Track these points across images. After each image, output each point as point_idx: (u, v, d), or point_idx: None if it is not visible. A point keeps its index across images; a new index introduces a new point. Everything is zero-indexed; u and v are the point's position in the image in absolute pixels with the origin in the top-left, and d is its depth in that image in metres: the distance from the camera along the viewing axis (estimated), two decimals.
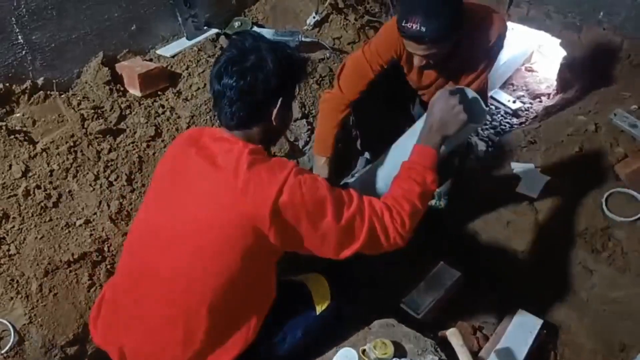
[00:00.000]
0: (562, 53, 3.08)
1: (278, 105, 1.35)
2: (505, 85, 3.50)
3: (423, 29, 1.73)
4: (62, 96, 2.17)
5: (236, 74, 1.31)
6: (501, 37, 2.01)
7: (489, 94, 3.27)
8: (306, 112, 2.53)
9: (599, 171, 2.17)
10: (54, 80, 2.19)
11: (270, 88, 1.32)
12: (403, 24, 1.76)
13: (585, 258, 2.01)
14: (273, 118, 1.36)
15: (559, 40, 3.04)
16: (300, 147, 2.49)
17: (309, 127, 2.51)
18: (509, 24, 3.39)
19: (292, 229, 1.29)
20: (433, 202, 2.52)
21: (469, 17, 1.86)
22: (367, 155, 2.59)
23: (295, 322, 1.56)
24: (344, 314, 1.68)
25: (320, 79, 2.63)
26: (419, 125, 1.74)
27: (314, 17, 2.79)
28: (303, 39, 2.65)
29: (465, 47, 1.95)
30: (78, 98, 2.19)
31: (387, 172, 1.79)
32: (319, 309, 1.59)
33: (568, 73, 3.07)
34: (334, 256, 1.36)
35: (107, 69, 2.28)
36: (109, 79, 2.26)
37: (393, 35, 2.04)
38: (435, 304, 2.00)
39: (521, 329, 1.85)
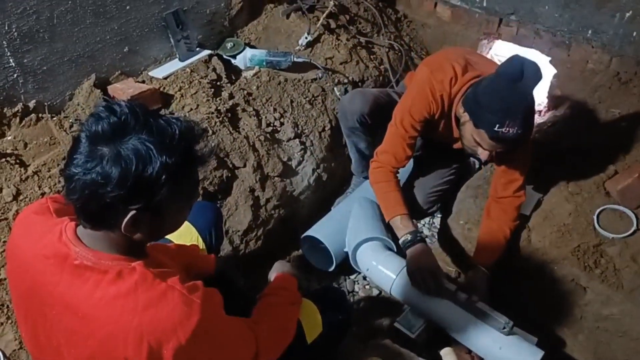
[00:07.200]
0: (552, 70, 3.11)
1: (129, 216, 1.02)
2: None
3: (520, 131, 1.78)
4: (54, 118, 2.18)
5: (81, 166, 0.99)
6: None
7: None
8: (299, 132, 2.54)
9: (590, 188, 2.18)
10: (45, 103, 2.20)
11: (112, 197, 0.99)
12: (496, 129, 1.79)
13: (578, 275, 2.02)
14: (123, 229, 1.03)
15: (548, 58, 3.08)
16: (294, 166, 2.49)
17: (302, 146, 2.52)
18: (503, 43, 3.45)
19: None
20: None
21: None
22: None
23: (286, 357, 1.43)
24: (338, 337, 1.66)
25: (313, 98, 2.65)
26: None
27: (306, 38, 2.81)
28: (295, 60, 2.67)
29: None
30: (70, 120, 2.19)
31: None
32: (310, 339, 1.52)
33: (558, 90, 3.10)
34: None
35: (99, 90, 2.28)
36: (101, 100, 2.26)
37: (427, 98, 2.07)
38: (429, 323, 1.99)
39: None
